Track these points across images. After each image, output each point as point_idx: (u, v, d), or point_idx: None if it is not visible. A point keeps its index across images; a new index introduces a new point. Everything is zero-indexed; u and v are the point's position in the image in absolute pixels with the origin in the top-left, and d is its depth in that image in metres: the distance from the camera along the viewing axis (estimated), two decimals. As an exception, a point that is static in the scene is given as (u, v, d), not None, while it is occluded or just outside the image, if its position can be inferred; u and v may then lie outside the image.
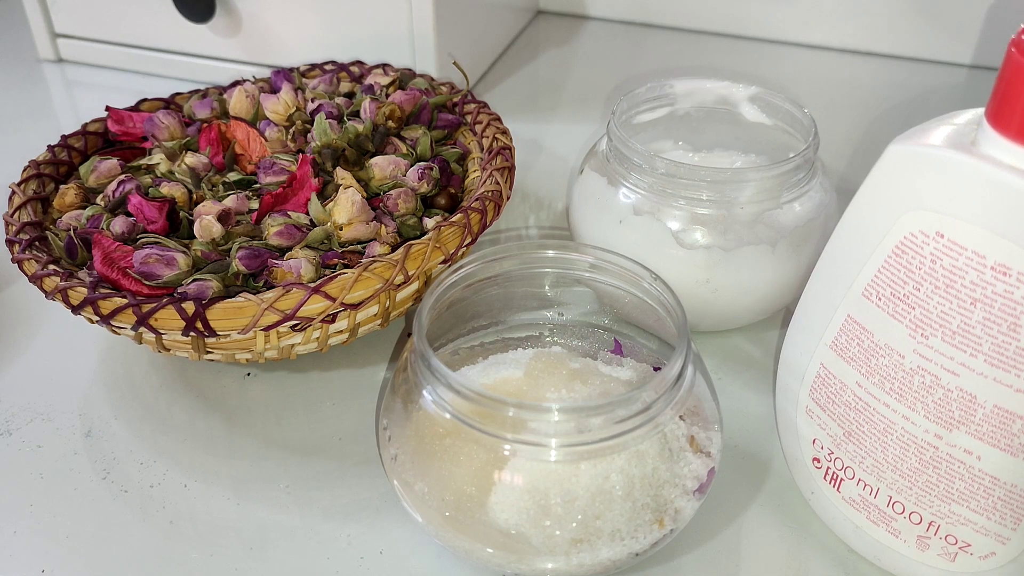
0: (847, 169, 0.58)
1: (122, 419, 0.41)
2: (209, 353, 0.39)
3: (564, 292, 0.40)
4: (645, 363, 0.37)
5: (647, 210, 0.41)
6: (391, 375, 0.42)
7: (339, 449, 0.39)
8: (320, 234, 0.41)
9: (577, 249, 0.37)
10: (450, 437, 0.32)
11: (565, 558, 0.30)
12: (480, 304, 0.38)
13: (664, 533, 0.31)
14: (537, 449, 0.30)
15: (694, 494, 0.32)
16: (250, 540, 0.35)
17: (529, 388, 0.34)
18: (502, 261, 0.37)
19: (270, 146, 0.47)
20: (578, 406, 0.30)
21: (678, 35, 0.77)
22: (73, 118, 0.67)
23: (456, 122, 0.49)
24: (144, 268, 0.38)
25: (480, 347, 0.39)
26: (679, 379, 0.31)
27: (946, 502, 0.30)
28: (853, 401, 0.32)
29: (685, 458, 0.32)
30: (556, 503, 0.30)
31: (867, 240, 0.30)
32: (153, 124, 0.48)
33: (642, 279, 0.35)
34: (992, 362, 0.27)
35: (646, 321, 0.37)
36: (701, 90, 0.47)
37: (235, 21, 0.65)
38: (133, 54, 0.71)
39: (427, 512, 0.32)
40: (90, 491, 0.37)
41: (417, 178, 0.44)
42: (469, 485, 0.31)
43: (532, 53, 0.74)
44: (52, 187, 0.45)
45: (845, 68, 0.72)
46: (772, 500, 0.37)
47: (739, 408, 0.41)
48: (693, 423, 0.33)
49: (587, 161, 0.45)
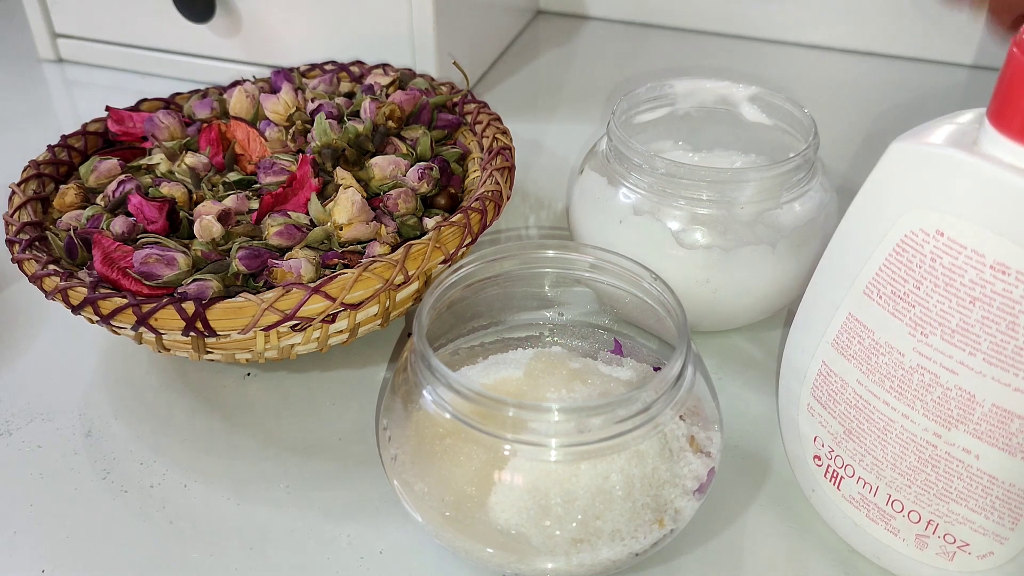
0: (847, 169, 0.58)
1: (122, 419, 0.41)
2: (209, 353, 0.39)
3: (564, 292, 0.40)
4: (645, 363, 0.37)
5: (647, 210, 0.41)
6: (391, 375, 0.42)
7: (339, 449, 0.39)
8: (320, 234, 0.41)
9: (577, 249, 0.37)
10: (450, 437, 0.32)
11: (565, 558, 0.30)
12: (480, 304, 0.38)
13: (664, 533, 0.31)
14: (537, 449, 0.30)
15: (694, 494, 0.32)
16: (250, 540, 0.35)
17: (529, 388, 0.34)
18: (502, 261, 0.37)
19: (270, 146, 0.47)
20: (578, 406, 0.30)
21: (678, 35, 0.77)
22: (73, 118, 0.67)
23: (456, 122, 0.50)
24: (144, 268, 0.38)
25: (480, 347, 0.39)
26: (679, 379, 0.31)
27: (944, 501, 0.30)
28: (853, 399, 0.32)
29: (685, 458, 0.32)
30: (556, 503, 0.30)
31: (869, 238, 0.30)
32: (153, 124, 0.48)
33: (642, 279, 0.35)
34: (991, 361, 0.27)
35: (646, 321, 0.37)
36: (701, 90, 0.47)
37: (235, 21, 0.65)
38: (133, 54, 0.71)
39: (427, 512, 0.32)
40: (90, 491, 0.38)
41: (417, 178, 0.44)
42: (469, 485, 0.31)
43: (532, 53, 0.74)
44: (52, 187, 0.45)
45: (845, 68, 0.72)
46: (772, 500, 0.37)
47: (739, 408, 0.41)
48: (693, 423, 0.33)
49: (587, 161, 0.45)
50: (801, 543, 0.35)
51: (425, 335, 0.32)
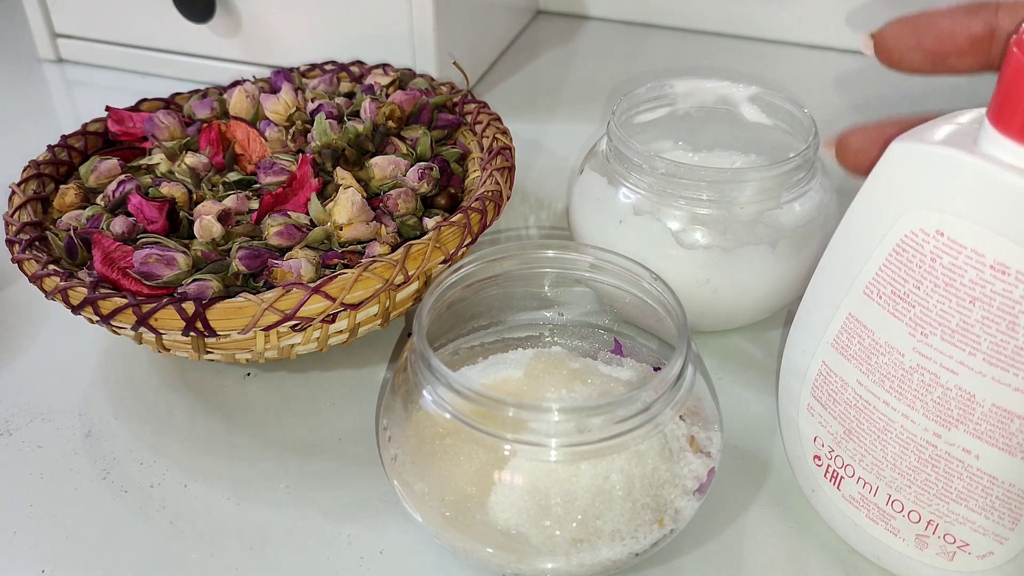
0: (847, 169, 0.58)
1: (122, 419, 0.41)
2: (209, 353, 0.39)
3: (564, 292, 0.40)
4: (645, 363, 0.37)
5: (647, 210, 0.41)
6: (391, 375, 0.42)
7: (339, 449, 0.39)
8: (320, 234, 0.41)
9: (577, 249, 0.37)
10: (450, 437, 0.32)
11: (565, 558, 0.30)
12: (480, 304, 0.38)
13: (664, 533, 0.31)
14: (537, 449, 0.30)
15: (694, 494, 0.32)
16: (250, 540, 0.35)
17: (529, 388, 0.34)
18: (502, 261, 0.37)
19: (270, 146, 0.47)
20: (578, 406, 0.30)
21: (678, 35, 0.77)
22: (73, 118, 0.67)
23: (456, 122, 0.50)
24: (144, 268, 0.38)
25: (480, 347, 0.39)
26: (679, 379, 0.31)
27: (944, 501, 0.30)
28: (853, 399, 0.32)
29: (685, 458, 0.32)
30: (556, 503, 0.30)
31: (869, 238, 0.30)
32: (153, 124, 0.48)
33: (642, 279, 0.35)
34: (991, 361, 0.27)
35: (646, 321, 0.37)
36: (701, 90, 0.47)
37: (235, 21, 0.65)
38: (133, 54, 0.71)
39: (427, 512, 0.32)
40: (90, 491, 0.37)
41: (417, 178, 0.44)
42: (469, 485, 0.31)
43: (532, 53, 0.74)
44: (52, 187, 0.45)
45: (845, 68, 0.72)
46: (772, 500, 0.37)
47: (739, 408, 0.41)
48: (693, 423, 0.33)
49: (587, 161, 0.45)
50: (801, 543, 0.35)
51: (425, 335, 0.32)
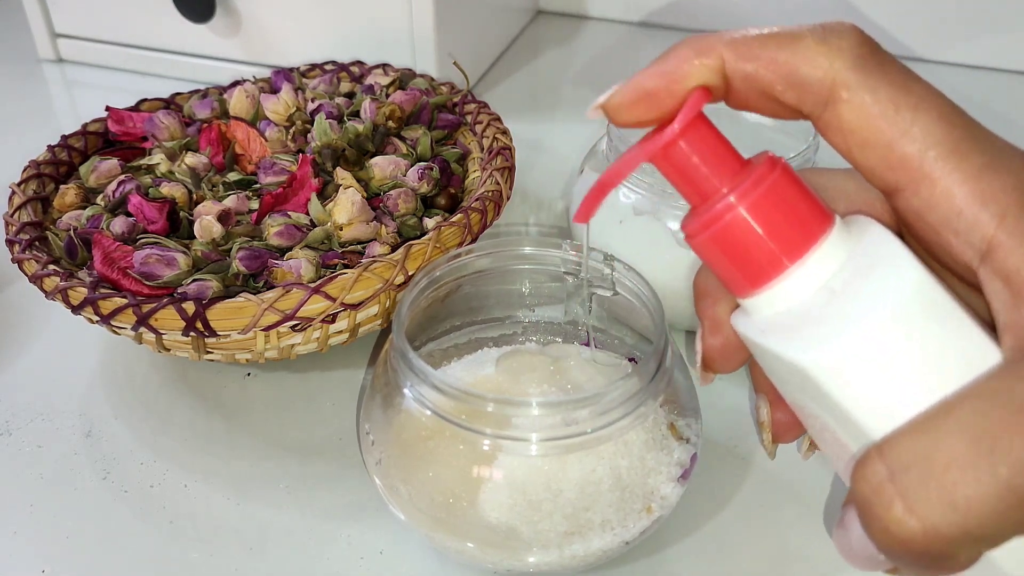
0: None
1: (122, 419, 0.41)
2: (209, 353, 0.39)
3: (539, 288, 0.40)
4: (622, 355, 0.38)
5: (647, 210, 0.41)
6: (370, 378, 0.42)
7: (339, 449, 0.39)
8: (320, 234, 0.41)
9: (552, 245, 0.37)
10: (434, 438, 0.32)
11: (558, 551, 0.31)
12: (455, 304, 0.38)
13: (653, 519, 0.32)
14: (524, 444, 0.30)
15: (679, 480, 0.33)
16: (250, 540, 0.35)
17: (509, 385, 0.34)
18: (475, 261, 0.37)
19: (270, 146, 0.47)
20: (561, 400, 0.31)
21: (678, 35, 0.77)
22: (73, 118, 0.67)
23: (456, 122, 0.50)
24: (144, 268, 0.38)
25: (454, 348, 0.39)
26: (659, 369, 0.32)
27: None
28: None
29: (668, 446, 0.33)
30: (545, 497, 0.30)
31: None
32: (153, 124, 0.48)
33: (610, 269, 0.35)
34: None
35: (623, 314, 0.37)
36: (701, 90, 0.46)
37: (235, 21, 0.65)
38: (133, 54, 0.71)
39: (416, 515, 0.32)
40: (90, 491, 0.38)
41: (417, 178, 0.44)
42: (457, 486, 0.31)
43: (532, 53, 0.74)
44: (52, 187, 0.45)
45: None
46: (755, 489, 0.37)
47: (719, 402, 0.41)
48: (671, 411, 0.34)
49: (587, 161, 0.45)
50: (787, 529, 0.35)
51: (404, 333, 0.32)
